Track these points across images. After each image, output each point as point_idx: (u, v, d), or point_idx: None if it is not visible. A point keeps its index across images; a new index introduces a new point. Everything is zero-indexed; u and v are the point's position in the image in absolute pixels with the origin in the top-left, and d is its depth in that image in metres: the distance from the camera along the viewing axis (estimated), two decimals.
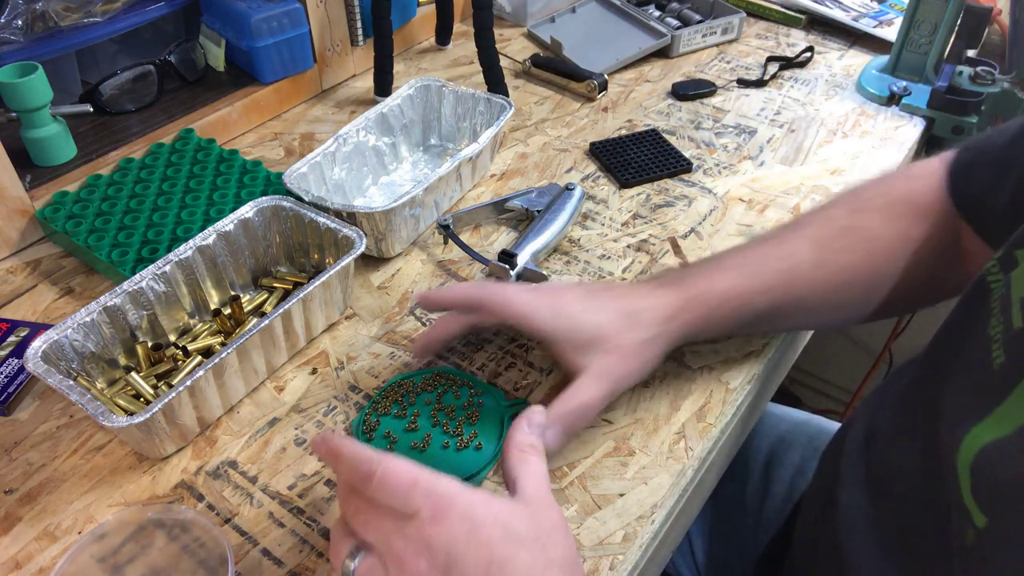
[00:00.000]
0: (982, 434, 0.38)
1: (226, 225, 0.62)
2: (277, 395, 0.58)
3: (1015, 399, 0.37)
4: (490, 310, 0.53)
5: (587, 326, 0.51)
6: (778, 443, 0.76)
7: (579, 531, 0.48)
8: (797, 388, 1.49)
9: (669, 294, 0.53)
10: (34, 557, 0.48)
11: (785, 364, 0.70)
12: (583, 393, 0.49)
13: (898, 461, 0.49)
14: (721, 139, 0.85)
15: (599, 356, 0.50)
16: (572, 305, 0.52)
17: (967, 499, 0.37)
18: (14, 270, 0.69)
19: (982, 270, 0.45)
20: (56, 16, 0.73)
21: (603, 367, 0.50)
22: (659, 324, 0.52)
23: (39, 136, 0.72)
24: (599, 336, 0.51)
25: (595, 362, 0.50)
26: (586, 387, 0.50)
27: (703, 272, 0.55)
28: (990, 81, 0.85)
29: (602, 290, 0.54)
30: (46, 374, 0.49)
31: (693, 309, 0.53)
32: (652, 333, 0.51)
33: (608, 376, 0.50)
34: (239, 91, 0.85)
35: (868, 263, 0.55)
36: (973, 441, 0.38)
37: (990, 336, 0.41)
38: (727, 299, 0.53)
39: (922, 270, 0.56)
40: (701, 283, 0.54)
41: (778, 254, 0.55)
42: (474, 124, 0.80)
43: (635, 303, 0.52)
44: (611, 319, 0.51)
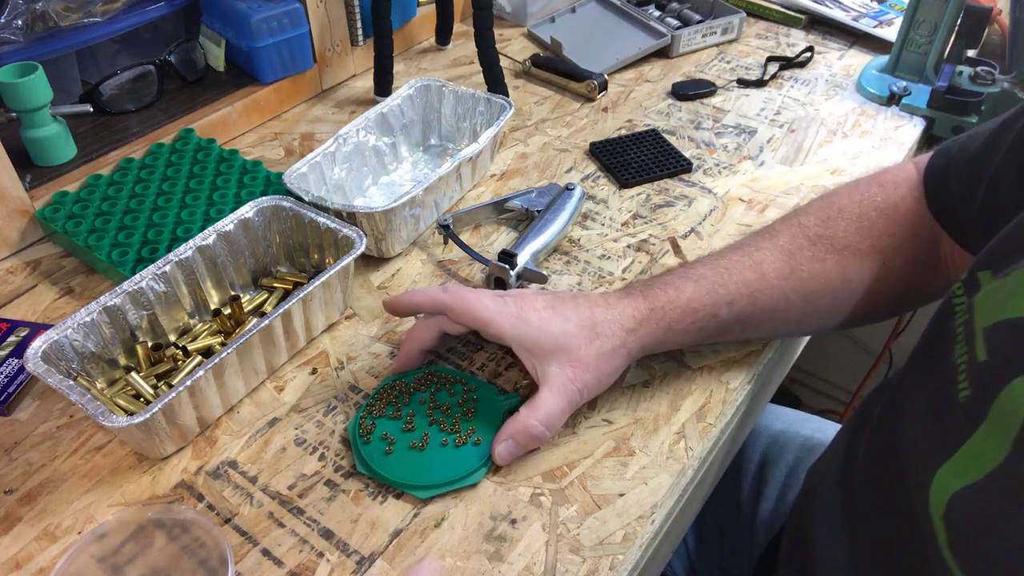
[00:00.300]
0: (950, 478, 0.37)
1: (226, 225, 0.62)
2: (277, 395, 0.58)
3: (980, 437, 0.36)
4: (454, 315, 0.53)
5: (548, 336, 0.51)
6: (772, 443, 0.76)
7: (579, 531, 0.48)
8: (797, 388, 1.49)
9: (632, 305, 0.53)
10: (34, 557, 0.48)
11: (785, 364, 0.70)
12: (541, 409, 0.50)
13: (875, 500, 0.49)
14: (721, 139, 0.85)
15: (559, 369, 0.51)
16: (536, 313, 0.52)
17: (945, 554, 0.37)
18: (14, 270, 0.69)
19: (948, 292, 0.45)
20: (56, 16, 0.73)
21: (563, 380, 0.51)
22: (621, 335, 0.52)
23: (39, 136, 0.72)
24: (560, 347, 0.51)
25: (555, 375, 0.51)
26: (545, 402, 0.50)
27: (670, 282, 0.54)
28: (990, 81, 0.85)
29: (568, 299, 0.54)
30: (46, 374, 0.49)
31: (655, 321, 0.53)
32: (612, 345, 0.51)
33: (567, 389, 0.51)
34: (239, 91, 0.85)
35: (839, 272, 0.55)
36: (942, 486, 0.37)
37: (956, 365, 0.40)
38: (690, 310, 0.53)
39: (896, 279, 0.56)
40: (666, 294, 0.53)
41: (747, 263, 0.55)
42: (474, 124, 0.80)
43: (598, 313, 0.52)
44: (573, 329, 0.51)
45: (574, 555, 0.47)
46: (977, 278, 0.42)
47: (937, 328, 0.46)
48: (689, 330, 0.53)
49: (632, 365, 0.58)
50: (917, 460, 0.41)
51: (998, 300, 0.39)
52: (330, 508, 0.50)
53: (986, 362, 0.38)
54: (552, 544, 0.48)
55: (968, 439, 0.37)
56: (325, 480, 0.52)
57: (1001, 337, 0.38)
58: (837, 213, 0.57)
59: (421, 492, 0.50)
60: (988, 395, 0.36)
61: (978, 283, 0.42)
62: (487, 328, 0.52)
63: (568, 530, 0.48)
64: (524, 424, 0.50)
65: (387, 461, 0.51)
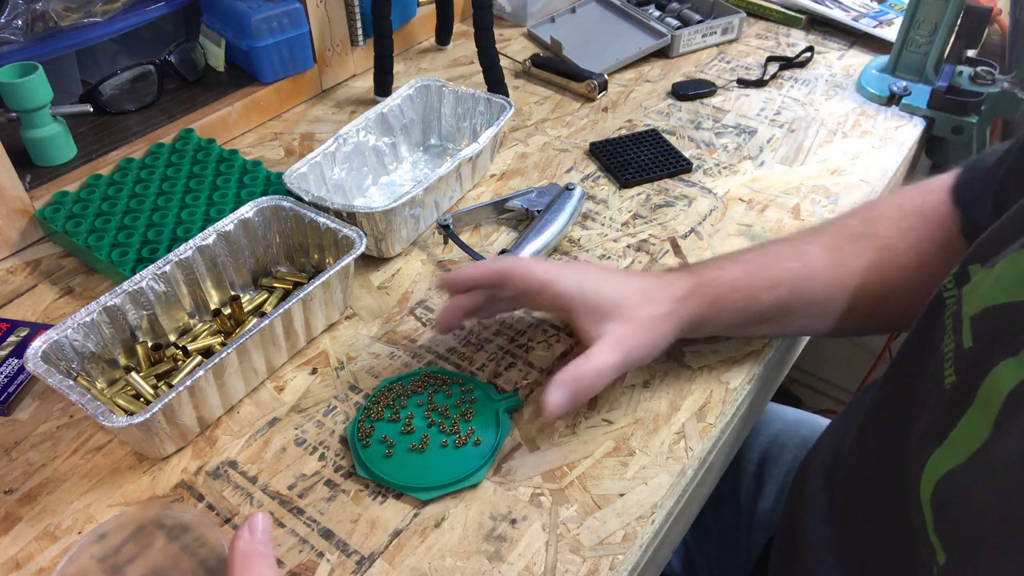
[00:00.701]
0: (940, 463, 0.38)
1: (226, 225, 0.62)
2: (277, 395, 0.58)
3: (968, 422, 0.37)
4: (513, 281, 0.54)
5: (607, 296, 0.52)
6: (772, 443, 0.76)
7: (579, 531, 0.48)
8: (797, 388, 1.49)
9: (682, 277, 0.55)
10: (34, 557, 0.48)
11: (785, 364, 0.70)
12: (596, 359, 0.50)
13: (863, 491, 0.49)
14: (721, 139, 0.85)
15: (616, 325, 0.51)
16: (594, 275, 0.54)
17: (931, 536, 0.37)
18: (14, 270, 0.69)
19: (939, 285, 0.45)
20: (56, 16, 0.73)
21: (619, 336, 0.51)
22: (672, 302, 0.53)
23: (39, 136, 0.72)
24: (617, 307, 0.52)
25: (612, 331, 0.51)
26: (600, 353, 0.50)
27: (715, 263, 0.57)
28: (990, 81, 0.85)
29: (616, 269, 0.56)
30: (46, 374, 0.49)
31: (703, 293, 0.54)
32: (665, 309, 0.53)
33: (623, 345, 0.51)
34: (239, 91, 0.85)
35: (879, 270, 0.56)
36: (932, 471, 0.38)
37: (943, 354, 0.41)
38: (735, 288, 0.54)
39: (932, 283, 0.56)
40: (712, 272, 0.55)
41: (791, 254, 0.56)
42: (474, 124, 0.80)
43: (649, 281, 0.54)
44: (629, 292, 0.53)
45: (574, 555, 0.47)
46: (967, 271, 0.43)
47: (928, 321, 0.46)
48: (733, 308, 0.54)
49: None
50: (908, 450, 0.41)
51: (984, 288, 0.40)
52: (330, 508, 0.50)
53: (971, 348, 0.39)
54: (552, 544, 0.48)
55: (957, 424, 0.37)
56: (325, 480, 0.52)
57: (986, 323, 0.38)
58: (879, 215, 0.58)
59: (422, 494, 0.50)
60: (974, 380, 0.37)
61: (968, 275, 0.42)
62: (547, 288, 0.53)
63: (568, 530, 0.48)
64: (574, 373, 0.49)
65: (387, 464, 0.51)
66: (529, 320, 0.63)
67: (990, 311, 0.39)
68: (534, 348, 0.61)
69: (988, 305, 0.39)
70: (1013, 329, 0.36)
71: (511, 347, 0.61)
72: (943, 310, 0.44)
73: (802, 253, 0.56)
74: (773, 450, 0.76)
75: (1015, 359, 0.35)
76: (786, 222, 0.73)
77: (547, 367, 0.59)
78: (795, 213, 0.74)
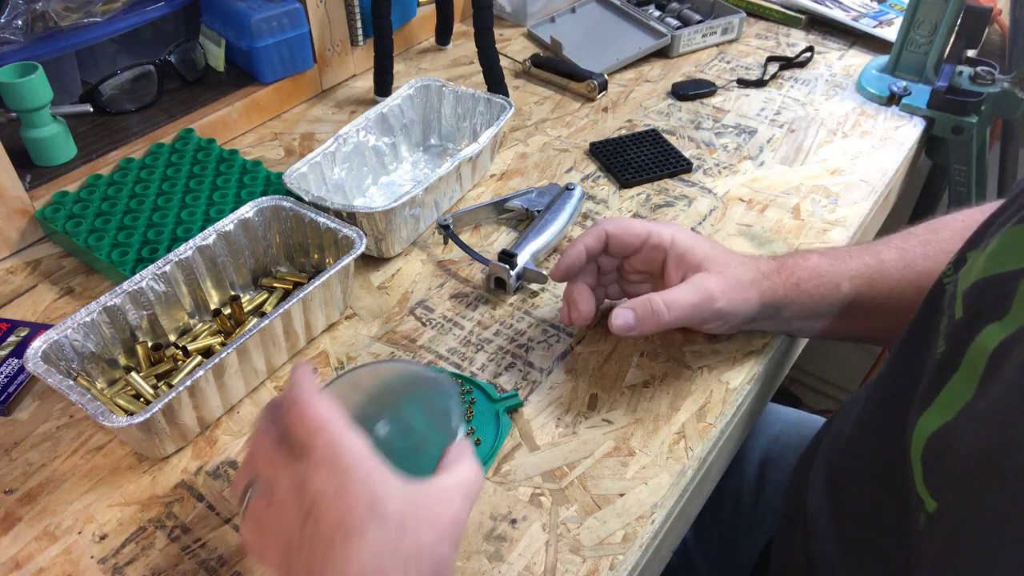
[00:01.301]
0: (929, 422, 0.39)
1: (226, 225, 0.62)
2: (277, 395, 0.58)
3: (955, 384, 0.38)
4: (615, 237, 0.56)
5: (700, 251, 0.55)
6: (773, 443, 0.76)
7: (579, 531, 0.48)
8: (797, 388, 1.49)
9: (764, 259, 0.57)
10: (34, 557, 0.48)
11: (785, 364, 0.70)
12: (673, 293, 0.53)
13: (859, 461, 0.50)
14: (721, 139, 0.85)
15: (704, 275, 0.54)
16: (687, 234, 0.56)
17: (919, 488, 0.38)
18: (14, 270, 0.69)
19: (939, 273, 0.47)
20: (56, 16, 0.73)
21: (703, 281, 0.54)
22: (756, 274, 0.55)
23: (39, 136, 0.72)
24: (710, 260, 0.55)
25: (699, 278, 0.54)
26: (680, 290, 0.53)
27: (794, 252, 0.59)
28: (990, 81, 0.85)
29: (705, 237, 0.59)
30: (46, 374, 0.49)
31: (786, 275, 0.56)
32: (751, 276, 0.55)
33: (704, 290, 0.53)
34: (239, 91, 0.85)
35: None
36: (922, 431, 0.39)
37: (940, 330, 0.43)
38: (816, 274, 0.56)
39: None
40: (793, 258, 0.57)
41: (868, 251, 0.58)
42: (474, 124, 0.80)
43: (737, 255, 0.57)
44: (720, 253, 0.56)
45: (574, 555, 0.47)
46: (966, 257, 0.44)
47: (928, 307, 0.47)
48: (814, 293, 0.56)
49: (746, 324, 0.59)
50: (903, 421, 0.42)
51: (977, 266, 0.41)
52: None
53: (961, 319, 0.40)
54: (552, 544, 0.48)
55: (944, 387, 0.39)
56: None
57: (975, 295, 0.40)
58: (943, 225, 0.60)
59: None
60: (961, 347, 0.38)
61: (966, 260, 0.44)
62: (649, 239, 0.56)
63: (568, 530, 0.48)
64: (649, 298, 0.53)
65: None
66: (529, 320, 0.63)
67: (979, 283, 0.40)
68: (534, 348, 0.61)
69: (978, 278, 0.40)
70: (999, 297, 0.37)
71: (511, 347, 0.61)
72: (942, 296, 0.45)
73: (876, 252, 0.58)
74: (774, 451, 0.76)
75: (1000, 323, 0.36)
76: (786, 222, 0.73)
77: (547, 367, 0.59)
78: (795, 213, 0.74)
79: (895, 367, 0.50)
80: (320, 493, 0.37)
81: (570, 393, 0.57)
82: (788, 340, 0.65)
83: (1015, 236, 0.39)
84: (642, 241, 0.56)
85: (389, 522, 0.36)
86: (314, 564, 0.36)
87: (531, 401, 0.57)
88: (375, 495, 0.37)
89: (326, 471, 0.37)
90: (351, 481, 0.37)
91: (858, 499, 0.50)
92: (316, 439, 0.38)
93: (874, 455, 0.49)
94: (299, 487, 0.37)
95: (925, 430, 0.39)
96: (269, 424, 0.40)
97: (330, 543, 0.36)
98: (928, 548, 0.37)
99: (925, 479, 0.38)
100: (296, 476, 0.38)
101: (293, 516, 0.37)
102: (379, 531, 0.36)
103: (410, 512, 0.37)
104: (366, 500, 0.36)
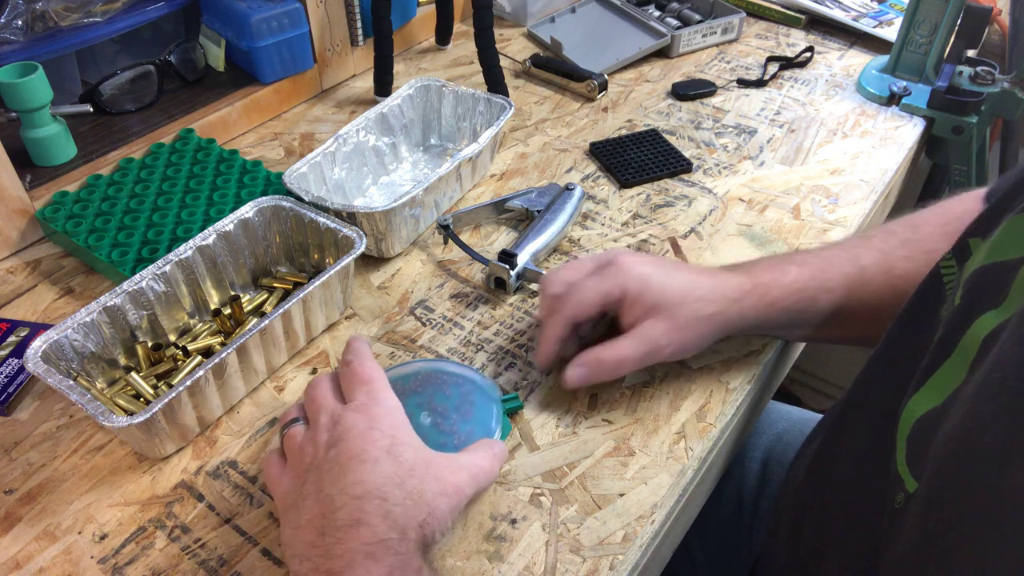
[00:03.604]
0: (918, 406, 0.40)
1: (226, 225, 0.62)
2: (277, 395, 0.58)
3: (946, 368, 0.39)
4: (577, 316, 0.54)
5: (653, 293, 0.53)
6: (775, 441, 0.76)
7: (579, 531, 0.48)
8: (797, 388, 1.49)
9: (735, 278, 0.55)
10: (34, 557, 0.48)
11: (785, 364, 0.70)
12: (621, 350, 0.52)
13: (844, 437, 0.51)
14: (721, 139, 0.85)
15: (652, 322, 0.52)
16: (640, 273, 0.54)
17: (901, 468, 0.39)
18: (14, 270, 0.69)
19: (937, 263, 0.47)
20: (56, 16, 0.73)
21: (649, 331, 0.52)
22: (719, 303, 0.53)
23: (39, 136, 0.72)
24: (662, 303, 0.53)
25: (646, 327, 0.52)
26: (626, 345, 0.52)
27: (772, 264, 0.56)
28: (990, 81, 0.85)
29: (669, 261, 0.56)
30: (46, 374, 0.49)
31: (758, 295, 0.54)
32: (710, 310, 0.53)
33: (650, 341, 0.52)
34: (239, 91, 0.85)
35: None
36: (910, 413, 0.40)
37: (940, 318, 0.43)
38: (793, 290, 0.55)
39: None
40: (769, 273, 0.55)
41: (845, 257, 0.57)
42: (474, 124, 0.80)
43: (701, 280, 0.54)
44: (676, 287, 0.53)
45: (574, 555, 0.47)
46: (968, 244, 0.44)
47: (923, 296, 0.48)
48: (790, 309, 0.55)
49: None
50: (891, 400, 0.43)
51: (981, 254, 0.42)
52: None
53: (959, 306, 0.41)
54: (552, 544, 0.48)
55: (936, 371, 0.39)
56: None
57: (974, 282, 0.40)
58: (923, 222, 0.59)
59: None
60: (956, 334, 0.39)
61: (969, 249, 0.44)
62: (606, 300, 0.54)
63: (568, 530, 0.48)
64: (597, 356, 0.53)
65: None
66: (529, 320, 0.63)
67: (979, 271, 0.40)
68: (534, 348, 0.61)
69: (978, 266, 0.41)
70: (997, 285, 0.38)
71: (511, 347, 0.61)
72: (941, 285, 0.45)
73: (856, 257, 0.57)
74: (777, 450, 0.76)
75: (995, 311, 0.37)
76: (786, 222, 0.73)
77: (547, 368, 0.59)
78: (795, 213, 0.74)
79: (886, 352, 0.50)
80: (350, 427, 0.44)
81: (570, 393, 0.57)
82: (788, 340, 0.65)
83: (1017, 225, 0.40)
84: (600, 308, 0.54)
85: (401, 464, 0.43)
86: (325, 480, 0.42)
87: (531, 401, 0.57)
88: (395, 440, 0.44)
89: (361, 413, 0.45)
90: (379, 425, 0.44)
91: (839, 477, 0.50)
92: (360, 389, 0.46)
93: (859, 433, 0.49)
94: (335, 421, 0.45)
95: (914, 413, 0.40)
96: (326, 377, 0.49)
97: (346, 466, 0.42)
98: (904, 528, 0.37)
99: (908, 460, 0.39)
100: (335, 413, 0.45)
101: (322, 442, 0.44)
102: (390, 466, 0.42)
103: (421, 464, 0.44)
104: (386, 442, 0.43)
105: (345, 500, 0.41)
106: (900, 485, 0.39)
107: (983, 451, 0.32)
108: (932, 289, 0.47)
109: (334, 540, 0.40)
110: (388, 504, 0.41)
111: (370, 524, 0.40)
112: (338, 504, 0.41)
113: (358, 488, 0.41)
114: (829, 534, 0.50)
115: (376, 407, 0.45)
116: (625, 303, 0.53)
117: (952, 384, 0.38)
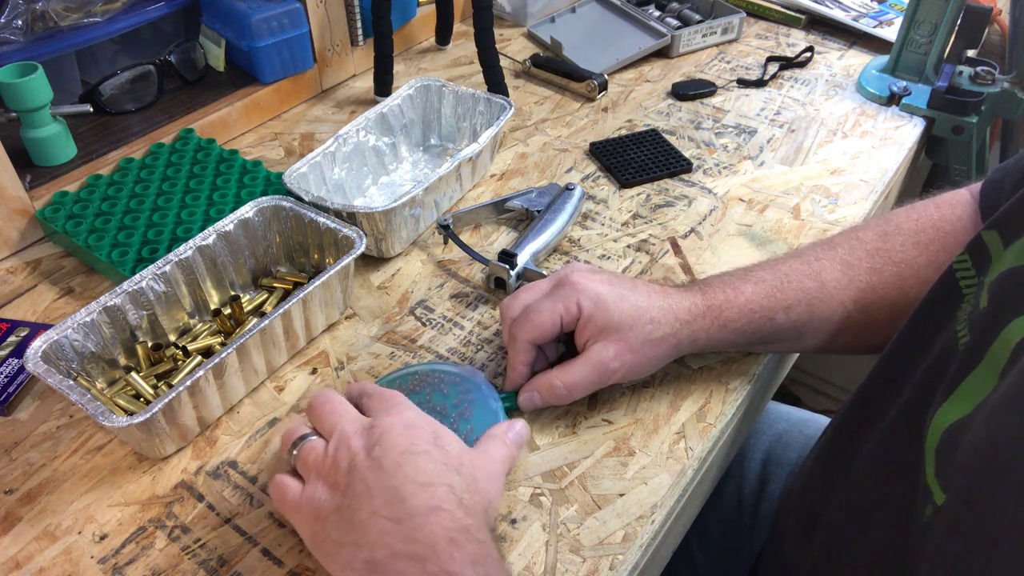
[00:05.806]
0: (947, 415, 0.39)
1: (226, 225, 0.62)
2: (277, 395, 0.58)
3: (976, 376, 0.38)
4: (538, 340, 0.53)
5: (603, 315, 0.52)
6: (776, 442, 0.76)
7: (579, 531, 0.48)
8: (797, 388, 1.49)
9: (689, 299, 0.53)
10: (34, 557, 0.48)
11: (785, 364, 0.70)
12: (572, 375, 0.52)
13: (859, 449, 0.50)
14: (721, 139, 0.85)
15: (604, 345, 0.52)
16: (593, 293, 0.52)
17: (930, 480, 0.38)
18: (14, 270, 0.69)
19: (951, 262, 0.46)
20: (56, 16, 0.73)
21: (599, 354, 0.52)
22: (671, 325, 0.52)
23: (39, 136, 0.72)
24: (611, 325, 0.52)
25: (597, 349, 0.52)
26: (579, 370, 0.52)
27: (728, 282, 0.55)
28: (990, 81, 0.85)
29: (625, 280, 0.54)
30: (46, 374, 0.49)
31: (711, 317, 0.53)
32: (662, 332, 0.52)
33: (599, 364, 0.52)
34: (239, 91, 0.85)
35: (896, 285, 0.55)
36: (939, 423, 0.39)
37: (958, 318, 0.42)
38: (747, 311, 0.53)
39: None
40: (724, 293, 0.54)
41: (806, 271, 0.55)
42: (474, 124, 0.80)
43: (654, 300, 0.53)
44: (627, 309, 0.52)
45: (574, 555, 0.47)
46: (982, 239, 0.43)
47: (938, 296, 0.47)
48: (744, 330, 0.54)
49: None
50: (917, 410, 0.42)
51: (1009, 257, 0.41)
52: None
53: (986, 309, 0.40)
54: (552, 544, 0.48)
55: (964, 380, 0.39)
56: None
57: (1001, 285, 0.40)
58: (895, 229, 0.57)
59: None
60: (986, 339, 0.38)
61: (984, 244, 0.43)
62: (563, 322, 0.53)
63: (568, 530, 0.48)
64: (549, 381, 0.52)
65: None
66: None
67: (1005, 274, 0.40)
68: None
69: (1005, 268, 0.40)
70: None
71: None
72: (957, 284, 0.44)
73: (817, 272, 0.55)
74: (777, 450, 0.76)
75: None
76: (786, 222, 0.73)
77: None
78: (795, 213, 0.74)
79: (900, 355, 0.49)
80: (388, 428, 0.43)
81: None
82: None
83: None
84: (557, 328, 0.53)
85: (449, 454, 0.43)
86: (380, 476, 0.41)
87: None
88: (438, 433, 0.44)
89: (394, 416, 0.44)
90: (417, 423, 0.44)
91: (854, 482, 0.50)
92: (385, 402, 0.46)
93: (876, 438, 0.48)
94: (370, 426, 0.44)
95: (942, 422, 0.39)
96: (331, 393, 0.47)
97: (399, 460, 0.41)
98: (931, 540, 0.37)
99: (937, 472, 0.38)
100: (365, 421, 0.45)
101: (359, 446, 0.43)
102: (441, 455, 0.43)
103: (465, 454, 0.44)
104: (430, 437, 0.43)
105: (412, 488, 0.40)
106: (928, 496, 0.38)
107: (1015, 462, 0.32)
108: (947, 289, 0.46)
109: (414, 526, 0.39)
110: (456, 491, 0.41)
111: (448, 509, 0.40)
112: (405, 492, 0.40)
113: (421, 476, 0.41)
114: (843, 539, 0.49)
115: (407, 411, 0.45)
116: (579, 323, 0.52)
117: (982, 392, 0.37)
